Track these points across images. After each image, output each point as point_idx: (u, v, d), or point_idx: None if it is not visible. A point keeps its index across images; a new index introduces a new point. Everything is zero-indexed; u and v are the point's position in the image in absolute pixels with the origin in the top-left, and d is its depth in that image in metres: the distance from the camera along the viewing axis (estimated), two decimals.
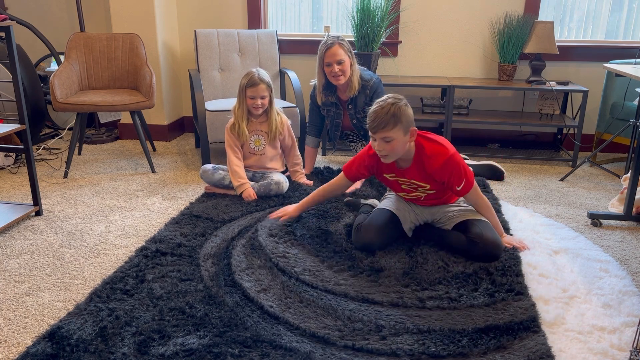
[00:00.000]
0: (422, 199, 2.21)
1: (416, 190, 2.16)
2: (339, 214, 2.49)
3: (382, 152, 2.02)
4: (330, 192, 2.36)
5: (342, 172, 2.28)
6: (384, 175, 2.21)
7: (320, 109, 3.02)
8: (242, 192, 2.71)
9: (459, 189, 2.07)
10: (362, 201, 2.56)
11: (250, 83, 2.68)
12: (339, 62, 2.76)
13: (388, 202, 2.30)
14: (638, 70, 2.45)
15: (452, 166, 2.02)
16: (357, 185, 2.81)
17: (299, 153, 2.95)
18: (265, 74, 2.73)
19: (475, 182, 2.12)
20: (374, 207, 2.42)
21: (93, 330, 1.60)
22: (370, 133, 2.03)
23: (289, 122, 2.89)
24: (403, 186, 2.18)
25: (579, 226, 2.51)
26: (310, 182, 2.90)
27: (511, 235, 2.30)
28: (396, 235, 2.21)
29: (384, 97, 2.02)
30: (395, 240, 2.22)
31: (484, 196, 2.17)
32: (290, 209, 2.41)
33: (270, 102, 2.76)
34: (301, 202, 2.40)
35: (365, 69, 3.00)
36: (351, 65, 2.81)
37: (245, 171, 2.85)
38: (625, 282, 1.97)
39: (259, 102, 2.71)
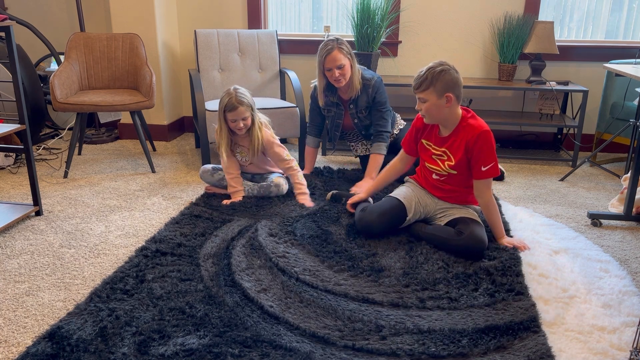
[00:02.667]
0: (441, 185, 2.25)
1: (443, 165, 2.22)
2: (338, 214, 2.49)
3: (421, 112, 2.17)
4: (395, 170, 2.45)
5: (401, 149, 2.43)
6: (422, 141, 2.31)
7: (321, 109, 3.02)
8: (234, 195, 2.70)
9: (484, 169, 2.11)
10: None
11: (230, 107, 2.54)
12: (339, 67, 2.76)
13: (399, 190, 2.37)
14: (638, 70, 2.45)
15: (486, 142, 2.10)
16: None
17: (297, 169, 2.74)
18: (244, 93, 2.58)
19: (490, 184, 2.17)
20: (368, 201, 2.50)
21: (93, 330, 1.60)
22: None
23: (273, 138, 2.72)
24: (433, 156, 2.25)
25: (579, 226, 2.51)
26: (312, 204, 2.64)
27: (511, 237, 2.30)
28: (398, 224, 2.28)
29: (435, 61, 2.12)
30: (396, 228, 2.28)
31: (492, 199, 2.20)
32: (362, 193, 2.50)
33: (253, 120, 2.63)
34: (373, 185, 2.50)
35: (365, 68, 3.00)
36: (351, 66, 2.81)
37: (245, 173, 2.85)
38: (625, 282, 1.97)
39: (241, 124, 2.58)
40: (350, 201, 2.47)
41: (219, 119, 2.63)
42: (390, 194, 2.37)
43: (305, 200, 2.66)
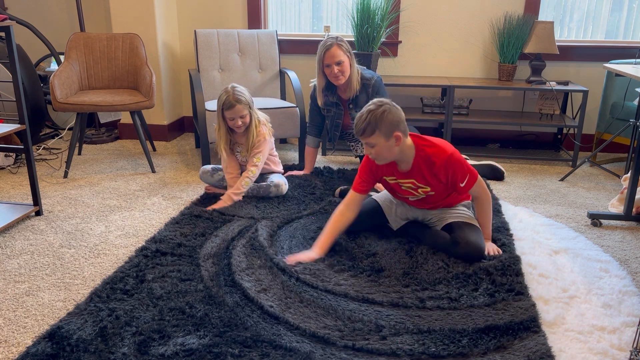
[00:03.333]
0: (423, 202, 2.21)
1: (416, 192, 2.17)
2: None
3: (371, 155, 2.06)
4: (344, 216, 2.17)
5: (350, 190, 2.20)
6: (384, 178, 2.21)
7: (320, 108, 3.02)
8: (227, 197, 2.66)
9: (462, 185, 2.06)
10: None
11: (227, 105, 2.56)
12: (338, 63, 2.76)
13: (380, 194, 2.37)
14: (638, 70, 2.45)
15: (454, 164, 2.03)
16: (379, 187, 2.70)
17: (251, 175, 2.66)
18: (242, 92, 2.59)
19: (479, 176, 2.12)
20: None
21: (93, 330, 1.60)
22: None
23: (269, 137, 2.71)
24: (403, 187, 2.18)
25: (579, 226, 2.51)
26: (224, 204, 2.58)
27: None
28: (376, 224, 2.31)
29: (370, 102, 2.02)
30: (376, 227, 2.31)
31: (488, 191, 2.16)
32: (308, 254, 2.08)
33: (251, 118, 2.64)
34: (319, 242, 2.13)
35: (365, 68, 3.00)
36: (350, 65, 2.81)
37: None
38: (625, 282, 1.97)
39: (239, 122, 2.60)
40: (292, 259, 2.05)
41: (218, 117, 2.64)
42: (372, 196, 2.36)
43: (221, 202, 2.60)
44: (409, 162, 2.09)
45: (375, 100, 2.03)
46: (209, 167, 2.83)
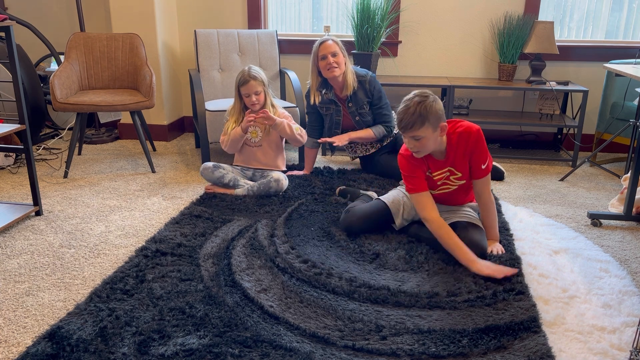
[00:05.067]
0: (450, 195, 2.21)
1: (449, 181, 2.16)
2: (339, 214, 2.49)
3: (414, 149, 2.03)
4: (447, 225, 2.09)
5: (413, 193, 2.11)
6: (429, 174, 2.16)
7: (318, 108, 3.03)
8: (242, 123, 2.77)
9: (484, 166, 2.07)
10: (362, 191, 2.62)
11: (242, 81, 2.72)
12: (334, 54, 2.81)
13: (388, 194, 2.36)
14: (638, 70, 2.45)
15: (481, 139, 2.05)
16: None
17: (294, 124, 2.84)
18: (257, 70, 2.75)
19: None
20: (372, 199, 2.49)
21: (93, 330, 1.60)
22: (400, 132, 2.03)
23: (289, 115, 2.88)
24: (438, 182, 2.16)
25: (579, 226, 2.51)
26: (284, 121, 2.75)
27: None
28: (383, 226, 2.30)
29: (411, 94, 1.99)
30: (382, 229, 2.30)
31: (491, 195, 2.16)
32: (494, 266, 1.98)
33: (266, 96, 2.78)
34: (466, 251, 2.01)
35: (357, 67, 3.03)
36: (345, 63, 2.86)
37: (245, 170, 2.86)
38: (625, 282, 1.97)
39: (254, 98, 2.73)
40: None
41: (235, 96, 2.80)
42: (380, 197, 2.36)
43: (282, 121, 2.74)
44: (443, 151, 2.09)
45: (417, 92, 1.99)
46: (210, 164, 2.84)
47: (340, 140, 2.88)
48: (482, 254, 2.04)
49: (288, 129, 2.77)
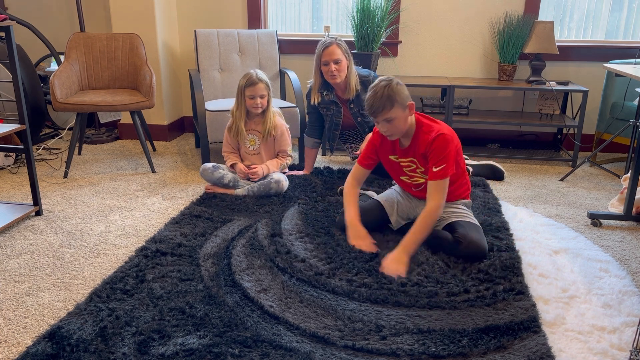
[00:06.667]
0: (422, 187, 2.24)
1: (416, 173, 2.21)
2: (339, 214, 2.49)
3: (387, 132, 2.13)
4: (355, 188, 2.34)
5: (356, 164, 2.36)
6: (389, 157, 2.28)
7: (319, 108, 3.02)
8: (236, 168, 2.84)
9: (435, 169, 2.06)
10: (361, 191, 2.63)
11: (249, 83, 2.73)
12: (336, 62, 2.78)
13: (383, 194, 2.39)
14: (638, 70, 2.45)
15: (439, 143, 2.07)
16: None
17: (287, 150, 2.92)
18: (263, 74, 2.78)
19: (446, 183, 2.07)
20: (371, 198, 2.49)
21: (93, 330, 1.60)
22: (372, 117, 2.12)
23: (287, 126, 2.92)
24: (405, 169, 2.24)
25: (579, 226, 2.51)
26: (255, 177, 2.79)
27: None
28: (378, 225, 2.32)
29: (376, 81, 2.11)
30: (379, 228, 2.32)
31: (442, 203, 2.07)
32: (364, 237, 2.18)
33: (268, 101, 2.80)
34: (352, 214, 2.23)
35: (359, 67, 3.01)
36: (348, 66, 2.83)
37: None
38: (625, 282, 1.97)
39: (258, 101, 2.75)
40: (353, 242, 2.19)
41: (237, 98, 2.81)
42: (374, 197, 2.40)
43: (255, 172, 2.78)
44: (410, 137, 2.17)
45: (379, 78, 2.11)
46: (209, 164, 2.84)
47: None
48: (482, 255, 2.05)
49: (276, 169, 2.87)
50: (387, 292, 1.83)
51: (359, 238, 2.18)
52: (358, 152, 3.14)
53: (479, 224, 2.17)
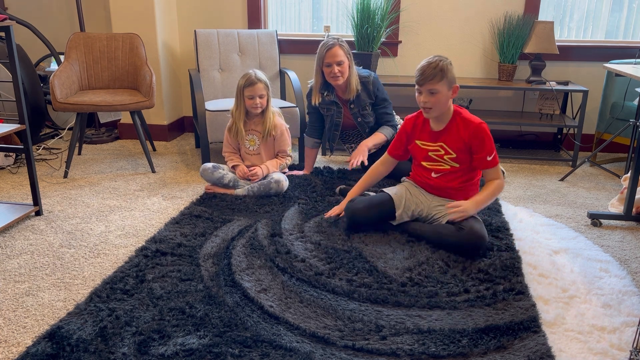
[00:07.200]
0: (444, 179, 2.27)
1: (442, 160, 2.26)
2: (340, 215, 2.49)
3: (427, 105, 2.17)
4: (377, 173, 2.49)
5: (386, 153, 2.48)
6: (416, 142, 2.33)
7: (319, 108, 3.02)
8: (237, 169, 2.84)
9: (489, 158, 2.18)
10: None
11: (248, 83, 2.73)
12: (339, 63, 2.78)
13: (392, 188, 2.41)
14: (638, 70, 2.45)
15: (484, 133, 2.17)
16: None
17: (287, 150, 2.93)
18: (262, 74, 2.78)
19: (499, 169, 2.25)
20: None
21: (93, 330, 1.60)
22: (417, 87, 2.19)
23: (287, 126, 2.92)
24: (430, 153, 2.28)
25: (579, 226, 2.51)
26: (257, 177, 2.80)
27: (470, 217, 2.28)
28: (386, 218, 2.33)
29: (432, 56, 2.18)
30: (384, 222, 2.33)
31: (503, 181, 2.25)
32: (343, 205, 2.42)
33: (268, 101, 2.80)
34: (354, 191, 2.46)
35: (360, 67, 3.01)
36: (350, 67, 2.83)
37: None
38: (625, 282, 1.97)
39: (258, 101, 2.75)
40: (327, 214, 2.46)
41: (236, 98, 2.81)
42: (382, 189, 2.42)
43: (255, 173, 2.78)
44: (445, 122, 2.24)
45: (436, 55, 2.18)
46: (209, 164, 2.84)
47: (363, 155, 2.82)
48: (483, 244, 2.09)
49: (275, 169, 2.87)
50: (387, 292, 1.83)
51: (337, 208, 2.44)
52: None
53: (480, 219, 2.19)
